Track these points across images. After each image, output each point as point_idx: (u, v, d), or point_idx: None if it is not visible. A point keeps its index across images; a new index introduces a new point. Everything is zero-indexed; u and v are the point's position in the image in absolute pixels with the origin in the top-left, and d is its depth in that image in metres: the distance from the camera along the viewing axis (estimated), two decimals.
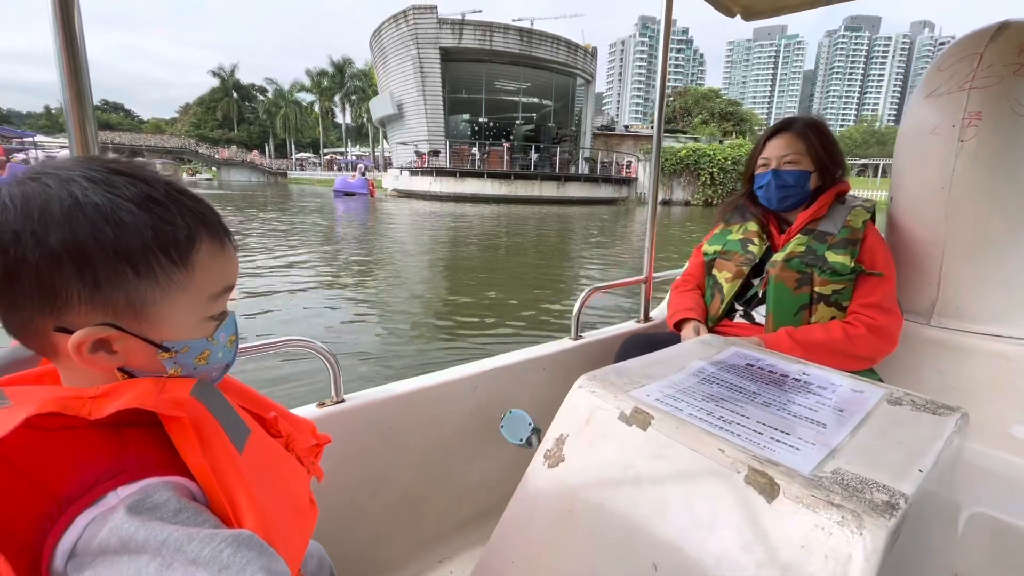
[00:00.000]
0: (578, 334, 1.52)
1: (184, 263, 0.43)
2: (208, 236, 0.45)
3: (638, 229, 14.29)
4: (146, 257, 0.41)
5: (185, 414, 0.42)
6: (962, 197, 1.28)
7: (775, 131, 1.36)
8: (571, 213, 20.09)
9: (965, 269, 1.33)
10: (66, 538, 0.36)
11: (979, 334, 1.33)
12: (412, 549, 1.21)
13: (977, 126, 1.23)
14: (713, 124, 41.54)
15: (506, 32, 26.22)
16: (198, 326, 0.46)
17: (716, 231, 1.49)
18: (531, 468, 0.74)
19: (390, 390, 1.13)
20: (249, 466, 0.45)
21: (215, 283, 0.46)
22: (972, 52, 1.26)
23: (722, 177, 26.52)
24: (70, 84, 0.67)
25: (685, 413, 0.66)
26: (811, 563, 0.48)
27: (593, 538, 0.64)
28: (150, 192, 0.42)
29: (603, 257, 9.26)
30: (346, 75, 57.58)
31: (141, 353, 0.44)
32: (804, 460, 0.57)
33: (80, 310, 0.40)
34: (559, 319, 5.08)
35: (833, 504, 0.50)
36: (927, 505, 0.58)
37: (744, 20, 1.83)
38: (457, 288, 6.48)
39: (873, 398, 0.74)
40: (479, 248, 9.90)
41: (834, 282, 1.21)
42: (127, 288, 0.41)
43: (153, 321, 0.43)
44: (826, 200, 1.30)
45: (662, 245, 11.98)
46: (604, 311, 5.39)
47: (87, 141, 0.71)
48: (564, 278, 7.41)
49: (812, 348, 1.17)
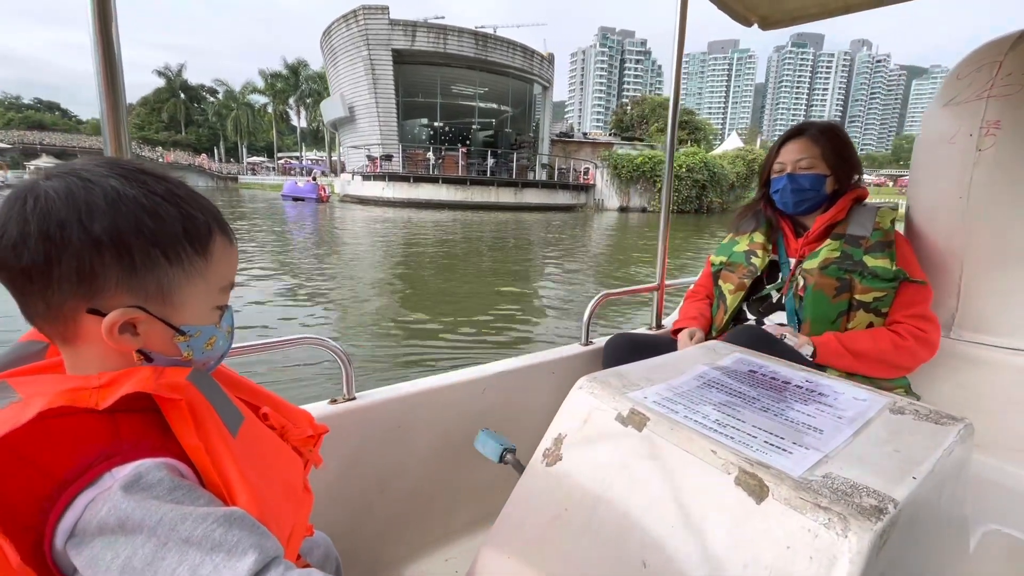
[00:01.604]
0: (588, 340, 1.53)
1: (205, 253, 0.48)
2: (220, 231, 0.50)
3: (596, 237, 14.02)
4: (176, 246, 0.46)
5: (182, 397, 0.44)
6: (981, 207, 1.26)
7: (790, 136, 1.36)
8: (528, 219, 19.90)
9: (985, 281, 1.31)
10: (66, 518, 0.38)
11: (1001, 348, 1.29)
12: (418, 547, 1.22)
13: (995, 135, 1.21)
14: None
15: (460, 35, 25.64)
16: (209, 314, 0.51)
17: (724, 240, 1.50)
18: (530, 466, 0.75)
19: (401, 389, 1.15)
20: (242, 448, 0.47)
21: (225, 274, 0.51)
22: (991, 60, 1.24)
23: (677, 184, 26.52)
24: (107, 95, 0.72)
25: (681, 416, 0.67)
26: (796, 563, 0.49)
27: (586, 535, 0.64)
28: (174, 189, 0.47)
29: (570, 279, 8.45)
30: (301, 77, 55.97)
31: (160, 336, 0.47)
32: (795, 464, 0.57)
33: (114, 293, 0.44)
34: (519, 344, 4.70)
35: (820, 507, 0.50)
36: (926, 515, 0.58)
37: (761, 29, 1.82)
38: (406, 308, 5.89)
39: (875, 407, 0.73)
40: (433, 270, 8.76)
41: (876, 288, 1.19)
42: (159, 274, 0.45)
43: (176, 306, 0.47)
44: (844, 204, 1.29)
45: (625, 254, 11.71)
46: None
47: (122, 147, 0.77)
48: (524, 298, 6.76)
49: (860, 355, 1.16)
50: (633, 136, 39.55)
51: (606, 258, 11.12)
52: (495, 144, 28.21)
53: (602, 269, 9.54)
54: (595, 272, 9.23)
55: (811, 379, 0.83)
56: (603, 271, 9.32)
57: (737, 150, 32.96)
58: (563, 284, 7.94)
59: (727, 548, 0.53)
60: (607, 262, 10.49)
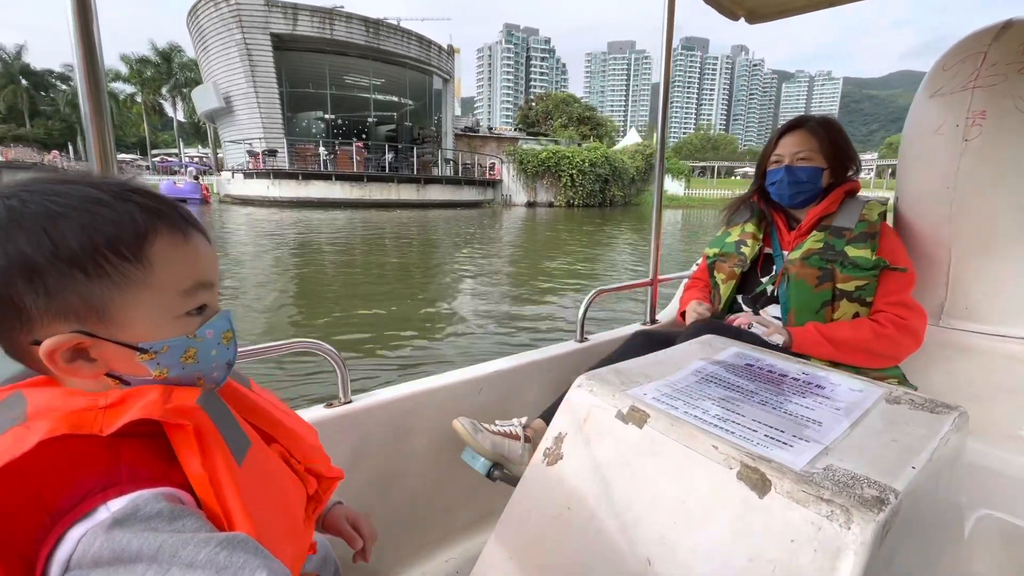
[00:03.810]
0: (583, 336, 1.53)
1: (138, 257, 0.42)
2: (167, 230, 0.44)
3: (506, 236, 13.45)
4: (93, 257, 0.41)
5: (190, 423, 0.42)
6: (968, 196, 1.28)
7: (788, 128, 1.36)
8: (434, 217, 18.78)
9: (973, 269, 1.33)
10: (60, 551, 0.36)
11: (989, 335, 1.32)
12: (419, 549, 1.21)
13: (981, 125, 1.23)
14: (572, 128, 42.41)
15: (349, 21, 23.39)
16: (173, 323, 0.45)
17: (718, 233, 1.52)
18: (531, 465, 0.75)
19: (397, 391, 1.14)
20: (247, 478, 0.45)
21: (182, 277, 0.45)
22: (976, 51, 1.26)
23: (581, 179, 26.69)
24: (90, 97, 0.71)
25: (681, 411, 0.67)
26: (801, 556, 0.49)
27: (589, 533, 0.64)
28: (94, 194, 0.42)
29: (479, 290, 7.26)
30: (174, 64, 49.89)
31: (120, 357, 0.43)
32: (797, 457, 0.57)
33: (47, 321, 0.40)
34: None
35: (823, 499, 0.50)
36: (924, 503, 0.58)
37: (748, 23, 1.83)
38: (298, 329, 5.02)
39: (871, 397, 0.73)
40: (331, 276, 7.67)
41: (857, 277, 1.20)
42: (80, 291, 0.41)
43: (120, 322, 0.43)
44: (836, 197, 1.30)
45: (537, 249, 11.33)
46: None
47: (106, 152, 0.75)
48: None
49: (840, 344, 1.18)
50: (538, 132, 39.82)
51: (527, 254, 10.73)
52: (396, 139, 26.79)
53: (525, 270, 8.88)
54: (521, 272, 8.62)
55: (807, 371, 0.83)
56: (526, 272, 8.65)
57: (636, 145, 34.09)
58: (501, 286, 7.26)
59: (731, 543, 0.53)
60: (528, 258, 10.11)
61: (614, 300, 5.79)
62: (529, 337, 4.81)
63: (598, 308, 5.24)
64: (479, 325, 5.09)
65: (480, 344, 4.55)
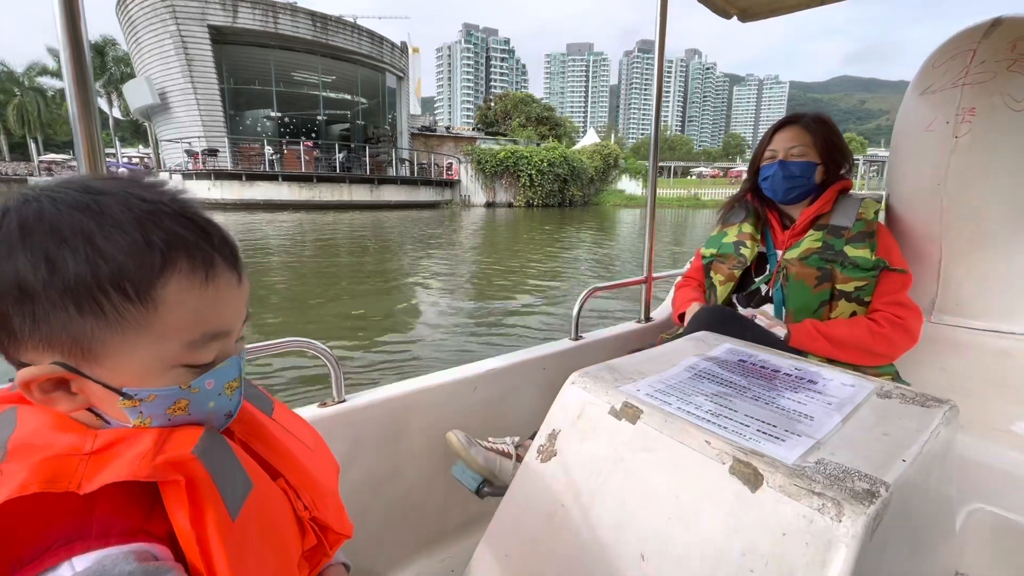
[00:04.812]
0: (577, 334, 1.53)
1: (142, 299, 0.37)
2: (188, 267, 0.39)
3: (468, 240, 12.97)
4: (90, 292, 0.36)
5: (182, 477, 0.37)
6: (958, 193, 1.29)
7: (783, 124, 1.36)
8: (388, 219, 18.08)
9: (964, 265, 1.34)
10: None
11: (980, 330, 1.33)
12: (414, 548, 1.21)
13: (971, 122, 1.24)
14: (530, 128, 42.37)
15: (294, 15, 22.07)
16: (166, 374, 0.40)
17: (714, 233, 1.50)
18: (525, 463, 0.75)
19: (392, 390, 1.14)
20: (239, 533, 0.41)
21: (191, 326, 0.39)
22: (965, 49, 1.27)
23: (540, 179, 26.64)
24: (78, 96, 0.71)
25: (674, 407, 0.67)
26: (793, 549, 0.49)
27: (584, 530, 0.64)
28: (118, 214, 0.37)
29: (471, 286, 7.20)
30: (108, 58, 46.74)
31: (101, 398, 0.39)
32: (789, 451, 0.57)
33: (28, 346, 0.37)
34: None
35: (815, 493, 0.50)
36: (915, 496, 0.58)
37: (741, 21, 1.84)
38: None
39: (863, 392, 0.74)
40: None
41: (857, 278, 1.20)
42: (68, 326, 0.36)
43: (106, 363, 0.38)
44: (831, 195, 1.30)
45: (505, 249, 11.03)
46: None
47: (94, 150, 0.75)
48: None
49: (836, 341, 1.18)
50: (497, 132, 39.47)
51: (492, 253, 10.43)
52: (350, 138, 25.79)
53: (489, 271, 8.54)
54: (488, 274, 8.30)
55: (799, 367, 0.83)
56: (490, 274, 8.34)
57: (594, 145, 34.29)
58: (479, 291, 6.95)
59: (724, 537, 0.53)
60: (496, 257, 9.82)
61: (609, 297, 5.75)
62: (503, 341, 4.67)
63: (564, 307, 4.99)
64: (451, 332, 4.87)
65: (452, 350, 4.35)
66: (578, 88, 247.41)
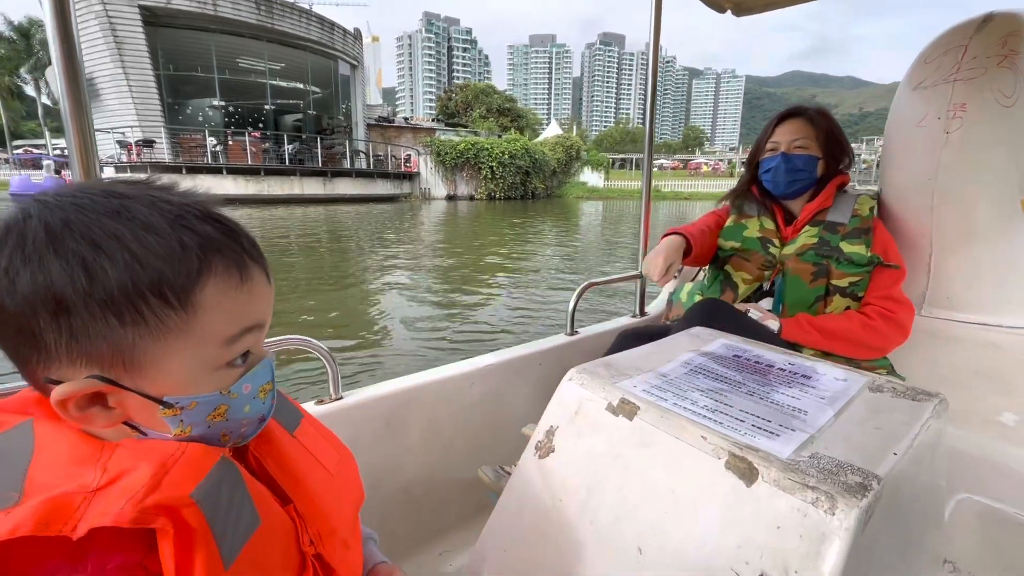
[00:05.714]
0: (573, 329, 1.55)
1: (183, 304, 0.37)
2: (223, 269, 0.39)
3: (428, 235, 12.45)
4: (132, 301, 0.35)
5: (171, 525, 0.34)
6: (949, 188, 1.30)
7: (785, 116, 1.35)
8: (346, 213, 17.23)
9: (954, 259, 1.36)
10: None
11: (970, 323, 1.35)
12: (413, 543, 1.22)
13: (962, 117, 1.25)
14: (492, 119, 41.68)
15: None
16: (208, 378, 0.40)
17: (729, 222, 1.45)
18: (523, 459, 0.76)
19: (388, 387, 1.15)
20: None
21: (230, 324, 0.40)
22: (957, 44, 1.27)
23: (502, 171, 25.93)
24: (70, 94, 0.70)
25: (670, 403, 0.68)
26: (787, 542, 0.50)
27: (581, 525, 0.65)
28: (147, 217, 0.36)
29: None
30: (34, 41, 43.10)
31: (141, 409, 0.38)
32: (783, 446, 0.58)
33: (63, 362, 0.36)
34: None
35: (808, 486, 0.51)
36: (906, 488, 0.59)
37: (735, 15, 1.84)
38: None
39: (855, 386, 0.75)
40: None
41: (851, 274, 1.22)
42: (110, 337, 0.35)
43: (148, 372, 0.37)
44: (831, 191, 1.30)
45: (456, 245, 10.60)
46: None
47: (87, 150, 0.73)
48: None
49: (829, 335, 1.19)
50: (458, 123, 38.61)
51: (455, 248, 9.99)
52: (302, 129, 24.49)
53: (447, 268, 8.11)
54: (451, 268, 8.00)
55: (793, 361, 0.84)
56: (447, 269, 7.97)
57: (557, 137, 34.00)
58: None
59: (720, 531, 0.54)
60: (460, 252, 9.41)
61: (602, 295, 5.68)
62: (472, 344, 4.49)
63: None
64: (415, 339, 4.64)
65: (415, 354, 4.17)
66: (541, 80, 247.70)
